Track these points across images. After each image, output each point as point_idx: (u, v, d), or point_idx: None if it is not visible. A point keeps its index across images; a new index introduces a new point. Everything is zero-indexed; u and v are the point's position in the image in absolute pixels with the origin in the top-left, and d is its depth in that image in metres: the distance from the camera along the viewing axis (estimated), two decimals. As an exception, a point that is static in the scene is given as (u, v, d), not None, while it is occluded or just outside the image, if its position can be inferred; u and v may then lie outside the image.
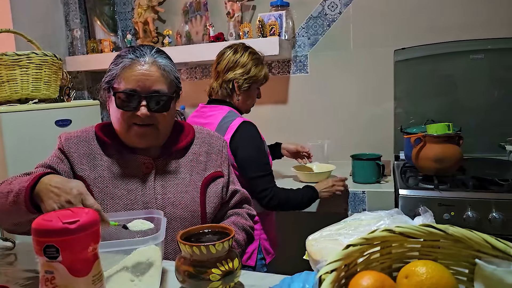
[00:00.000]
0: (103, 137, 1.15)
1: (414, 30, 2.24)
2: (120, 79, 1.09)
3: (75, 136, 1.16)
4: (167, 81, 1.12)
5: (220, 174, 1.24)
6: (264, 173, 1.62)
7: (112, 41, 2.67)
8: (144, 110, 1.08)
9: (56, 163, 1.11)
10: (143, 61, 1.09)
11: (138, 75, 1.08)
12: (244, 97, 1.75)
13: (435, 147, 1.74)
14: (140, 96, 1.08)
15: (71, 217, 0.66)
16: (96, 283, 0.69)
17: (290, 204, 1.67)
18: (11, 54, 1.77)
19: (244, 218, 1.25)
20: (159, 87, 1.10)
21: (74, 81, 2.75)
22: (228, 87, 1.70)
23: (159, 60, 1.12)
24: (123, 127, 1.11)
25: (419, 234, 0.58)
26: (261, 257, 1.73)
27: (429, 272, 0.54)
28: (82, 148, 1.14)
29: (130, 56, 1.10)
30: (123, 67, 1.09)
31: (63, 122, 1.89)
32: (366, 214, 0.78)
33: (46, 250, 0.65)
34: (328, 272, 0.50)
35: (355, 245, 0.55)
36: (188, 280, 0.84)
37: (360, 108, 2.41)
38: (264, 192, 1.60)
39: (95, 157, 1.14)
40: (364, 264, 0.58)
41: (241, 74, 1.69)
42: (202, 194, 1.18)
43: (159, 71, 1.10)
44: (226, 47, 1.77)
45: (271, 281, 0.88)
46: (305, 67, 2.47)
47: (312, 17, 2.42)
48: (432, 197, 1.65)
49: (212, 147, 1.25)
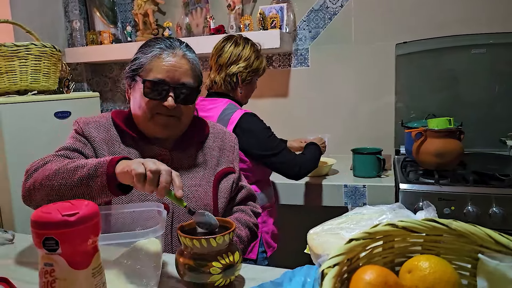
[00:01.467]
0: (121, 124, 1.14)
1: (416, 24, 2.23)
2: (149, 68, 1.10)
3: (94, 121, 1.15)
4: (194, 75, 1.14)
5: (232, 170, 1.25)
6: (279, 150, 1.64)
7: (111, 32, 2.65)
8: (171, 101, 1.09)
9: (82, 147, 1.10)
10: (173, 53, 1.11)
11: (168, 66, 1.09)
12: (247, 89, 1.75)
13: (436, 142, 1.74)
14: (169, 86, 1.09)
15: (70, 209, 0.66)
16: (95, 276, 0.68)
17: (312, 166, 1.73)
18: (10, 45, 1.75)
19: (248, 215, 1.25)
20: (187, 80, 1.12)
21: (73, 73, 2.73)
22: (232, 80, 1.69)
23: (188, 53, 1.14)
24: (146, 115, 1.11)
25: (422, 229, 0.58)
26: (262, 250, 1.73)
27: (432, 266, 0.54)
28: (102, 133, 1.13)
29: (160, 45, 1.11)
30: (153, 56, 1.10)
31: (63, 114, 1.88)
32: (368, 208, 0.77)
33: (45, 242, 0.64)
34: (331, 266, 0.49)
35: (358, 240, 0.54)
36: (188, 273, 0.83)
37: (360, 102, 2.40)
38: (289, 165, 1.64)
39: (114, 144, 1.13)
40: (367, 258, 0.58)
41: (244, 67, 1.68)
42: (215, 189, 1.19)
43: (188, 64, 1.12)
44: (224, 39, 1.75)
45: (272, 275, 0.88)
46: (306, 61, 2.46)
47: (314, 10, 2.40)
48: (432, 192, 1.65)
49: (225, 143, 1.27)
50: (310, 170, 1.74)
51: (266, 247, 1.75)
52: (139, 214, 1.02)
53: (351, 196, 1.86)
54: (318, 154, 1.78)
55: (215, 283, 0.83)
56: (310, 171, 1.74)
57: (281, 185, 1.97)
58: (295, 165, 1.66)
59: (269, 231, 1.77)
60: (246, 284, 0.88)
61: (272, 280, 0.73)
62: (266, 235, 1.76)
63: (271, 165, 1.66)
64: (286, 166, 1.65)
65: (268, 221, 1.77)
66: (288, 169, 1.66)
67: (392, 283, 0.51)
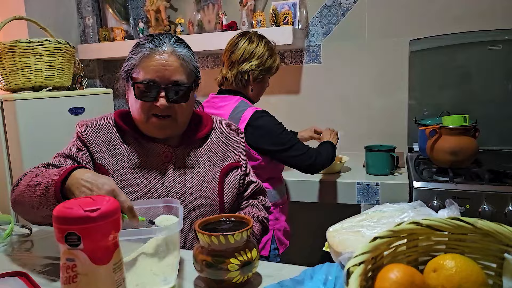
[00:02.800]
0: (122, 125, 1.14)
1: (430, 20, 2.20)
2: (139, 69, 1.08)
3: (94, 123, 1.15)
4: (186, 71, 1.11)
5: (237, 165, 1.23)
6: (292, 143, 1.63)
7: (124, 29, 2.66)
8: (163, 101, 1.07)
9: (76, 153, 1.10)
10: (161, 51, 1.08)
11: (157, 66, 1.07)
12: (258, 88, 1.74)
13: (450, 139, 1.72)
14: (159, 87, 1.07)
15: (92, 204, 0.66)
16: (116, 271, 0.69)
17: (327, 159, 1.71)
18: (25, 41, 1.77)
19: (259, 209, 1.24)
20: (178, 78, 1.08)
21: (86, 69, 2.75)
22: (244, 78, 1.68)
23: (178, 49, 1.10)
24: (142, 117, 1.10)
25: (447, 227, 0.57)
26: (274, 248, 1.73)
27: (458, 266, 0.53)
28: (101, 135, 1.13)
29: (149, 45, 1.09)
30: (142, 57, 1.08)
31: (77, 110, 1.90)
32: (388, 206, 0.77)
33: (67, 237, 0.64)
34: (356, 264, 0.49)
35: (382, 238, 0.54)
36: (206, 269, 0.83)
37: (373, 99, 2.38)
38: (302, 157, 1.63)
39: (114, 145, 1.13)
40: (391, 257, 0.57)
41: (257, 65, 1.67)
42: (220, 184, 1.18)
43: (178, 61, 1.09)
44: (238, 35, 1.73)
45: (289, 272, 0.88)
46: (318, 57, 2.44)
47: (326, 6, 2.38)
48: (447, 190, 1.63)
49: (230, 138, 1.25)
50: (324, 165, 1.71)
51: (278, 244, 1.75)
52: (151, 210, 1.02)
53: (364, 194, 1.85)
54: (332, 150, 1.76)
55: (233, 279, 0.83)
56: (325, 165, 1.71)
57: (293, 182, 1.96)
58: (310, 158, 1.64)
59: (281, 228, 1.77)
60: (263, 281, 0.88)
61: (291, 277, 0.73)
62: (278, 232, 1.75)
63: (285, 160, 1.65)
64: (300, 159, 1.64)
65: (280, 218, 1.77)
66: (302, 161, 1.64)
67: (419, 282, 0.51)
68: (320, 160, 1.67)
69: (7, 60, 1.76)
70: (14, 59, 1.76)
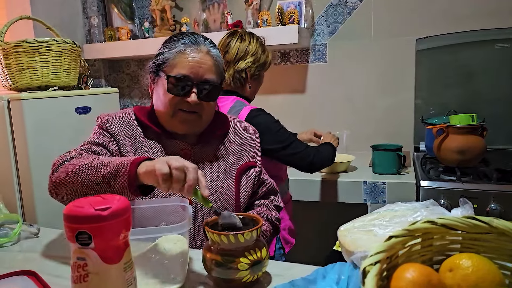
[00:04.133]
0: (144, 120, 1.15)
1: (437, 18, 2.19)
2: (173, 64, 1.10)
3: (116, 116, 1.16)
4: (217, 72, 1.14)
5: (253, 164, 1.25)
6: (290, 141, 1.60)
7: (129, 29, 2.66)
8: (194, 97, 1.09)
9: (106, 142, 1.10)
10: (197, 49, 1.11)
11: (193, 62, 1.09)
12: (255, 84, 1.74)
13: (458, 138, 1.71)
14: (193, 83, 1.09)
15: (102, 203, 0.66)
16: (127, 270, 0.68)
17: (327, 158, 1.68)
18: (32, 41, 1.77)
19: (270, 209, 1.24)
20: (210, 77, 1.11)
21: (91, 69, 2.75)
22: (241, 76, 1.67)
23: (212, 50, 1.14)
24: (168, 111, 1.11)
25: (462, 226, 0.56)
26: (279, 247, 1.72)
27: (475, 265, 0.52)
28: (124, 128, 1.14)
29: (185, 41, 1.11)
30: (178, 52, 1.10)
31: (83, 110, 1.89)
32: (399, 205, 0.76)
33: (78, 236, 0.64)
34: (372, 264, 0.48)
35: (398, 237, 0.53)
36: (216, 268, 0.83)
37: (379, 98, 2.37)
38: (300, 155, 1.60)
39: (136, 139, 1.14)
40: (405, 256, 0.56)
41: (252, 62, 1.67)
42: (237, 183, 1.19)
43: (212, 60, 1.12)
44: (227, 35, 1.72)
45: (298, 271, 0.87)
46: (324, 56, 2.44)
47: (332, 4, 2.37)
48: (454, 189, 1.62)
49: (246, 137, 1.27)
50: (324, 164, 1.68)
51: (284, 243, 1.74)
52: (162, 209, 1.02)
53: (370, 193, 1.84)
54: (332, 150, 1.73)
55: (243, 279, 0.82)
56: (324, 165, 1.69)
57: (297, 181, 1.95)
58: (308, 156, 1.61)
59: (285, 227, 1.76)
60: (273, 280, 0.87)
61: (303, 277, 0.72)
62: (283, 231, 1.74)
63: (283, 158, 1.62)
64: (298, 157, 1.61)
65: (284, 217, 1.76)
66: (301, 160, 1.62)
67: (436, 282, 0.50)
68: (319, 159, 1.65)
69: (14, 59, 1.77)
70: (20, 59, 1.76)
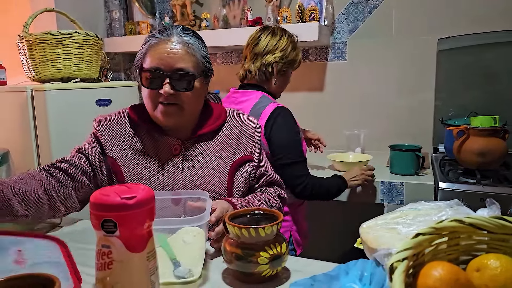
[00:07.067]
0: (135, 118, 1.17)
1: (459, 19, 2.16)
2: (147, 58, 1.10)
3: (109, 118, 1.19)
4: (192, 60, 1.11)
5: (250, 158, 1.21)
6: (298, 160, 1.57)
7: (149, 23, 2.68)
8: (167, 88, 1.07)
9: (86, 148, 1.15)
10: (168, 40, 1.09)
11: (162, 53, 1.08)
12: (281, 81, 1.72)
13: (479, 140, 1.69)
14: (164, 73, 1.08)
15: (128, 192, 0.66)
16: (150, 260, 0.69)
17: (322, 193, 1.62)
18: (55, 33, 1.80)
19: (272, 196, 1.21)
20: (182, 65, 1.08)
21: (111, 62, 2.78)
22: (268, 70, 1.67)
23: (185, 38, 1.11)
24: (150, 106, 1.12)
25: (490, 226, 0.56)
26: (291, 248, 1.70)
27: (503, 266, 0.52)
28: (114, 130, 1.17)
29: (158, 35, 1.11)
30: (150, 46, 1.10)
31: (104, 102, 1.92)
32: (423, 204, 0.75)
33: (104, 224, 0.65)
34: (400, 260, 0.48)
35: (425, 234, 0.53)
36: (235, 262, 0.83)
37: (398, 98, 2.34)
38: (298, 179, 1.56)
39: (126, 139, 1.16)
40: (431, 254, 0.56)
41: (280, 57, 1.66)
42: (230, 178, 1.17)
43: (184, 48, 1.09)
44: (260, 29, 1.73)
45: (317, 268, 0.87)
46: (344, 54, 2.42)
47: (353, 3, 2.36)
48: (473, 192, 1.60)
49: (243, 131, 1.23)
50: (317, 198, 1.63)
51: (296, 245, 1.72)
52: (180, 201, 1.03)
53: (387, 193, 1.82)
54: (336, 186, 1.66)
55: (262, 273, 0.83)
56: (318, 199, 1.64)
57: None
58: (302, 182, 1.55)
59: (299, 229, 1.74)
60: (292, 276, 0.87)
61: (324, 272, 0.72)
62: (295, 233, 1.72)
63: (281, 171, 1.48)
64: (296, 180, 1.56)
65: (298, 219, 1.74)
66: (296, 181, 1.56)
67: (463, 281, 0.50)
68: (315, 191, 1.58)
69: (38, 51, 1.80)
70: (44, 50, 1.80)
